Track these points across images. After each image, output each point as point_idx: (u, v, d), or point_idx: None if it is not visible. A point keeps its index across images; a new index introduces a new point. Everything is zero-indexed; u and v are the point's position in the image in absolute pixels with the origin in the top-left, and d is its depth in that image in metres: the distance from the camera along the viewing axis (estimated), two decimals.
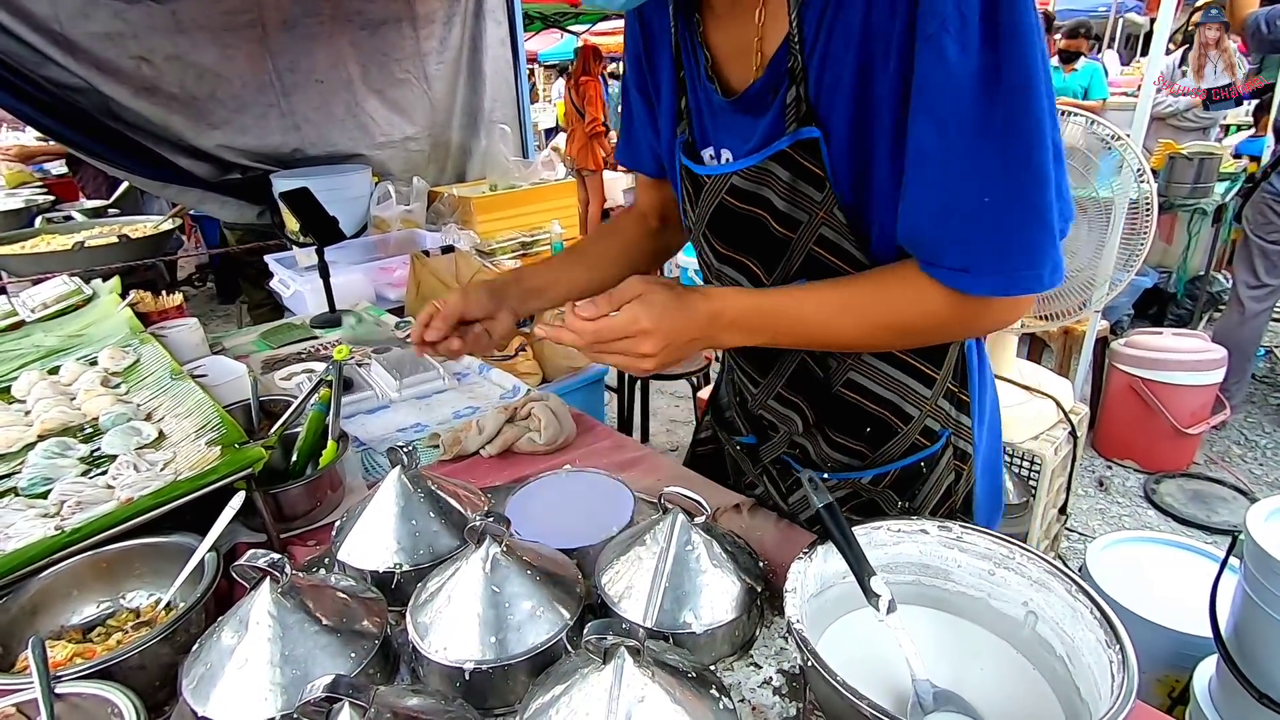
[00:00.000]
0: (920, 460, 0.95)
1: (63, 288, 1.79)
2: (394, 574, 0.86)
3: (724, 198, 0.84)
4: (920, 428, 0.93)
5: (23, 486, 0.98)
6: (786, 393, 0.96)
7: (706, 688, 0.63)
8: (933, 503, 0.97)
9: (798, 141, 0.75)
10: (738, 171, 0.81)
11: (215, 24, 2.72)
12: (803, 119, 0.74)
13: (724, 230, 0.88)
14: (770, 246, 0.84)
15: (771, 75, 0.75)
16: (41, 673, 0.67)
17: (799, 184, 0.78)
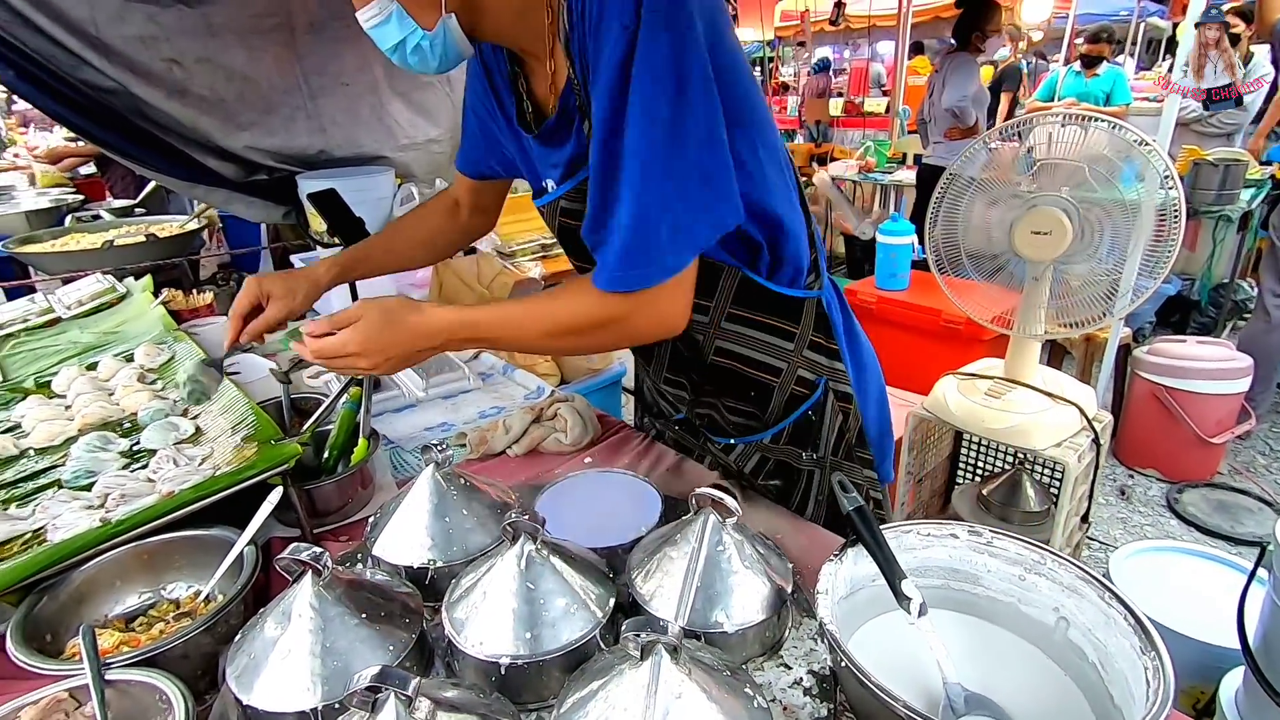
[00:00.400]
0: (808, 410, 1.06)
1: (97, 285, 1.83)
2: (428, 569, 0.88)
3: (560, 220, 0.98)
4: (795, 378, 1.04)
5: (67, 479, 1.01)
6: (670, 374, 1.13)
7: (741, 687, 0.64)
8: (830, 442, 1.09)
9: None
10: (563, 195, 0.95)
11: (245, 27, 2.76)
12: None
13: (570, 245, 1.01)
14: None
15: (562, 112, 0.89)
16: (93, 660, 0.69)
17: None
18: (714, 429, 1.13)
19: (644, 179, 0.77)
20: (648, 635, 0.61)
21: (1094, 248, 1.94)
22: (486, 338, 0.90)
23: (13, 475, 1.05)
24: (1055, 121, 1.92)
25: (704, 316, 0.99)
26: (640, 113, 0.75)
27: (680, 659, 0.61)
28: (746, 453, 1.10)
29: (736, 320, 1.01)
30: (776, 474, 1.10)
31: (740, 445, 1.10)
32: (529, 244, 3.01)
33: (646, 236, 0.79)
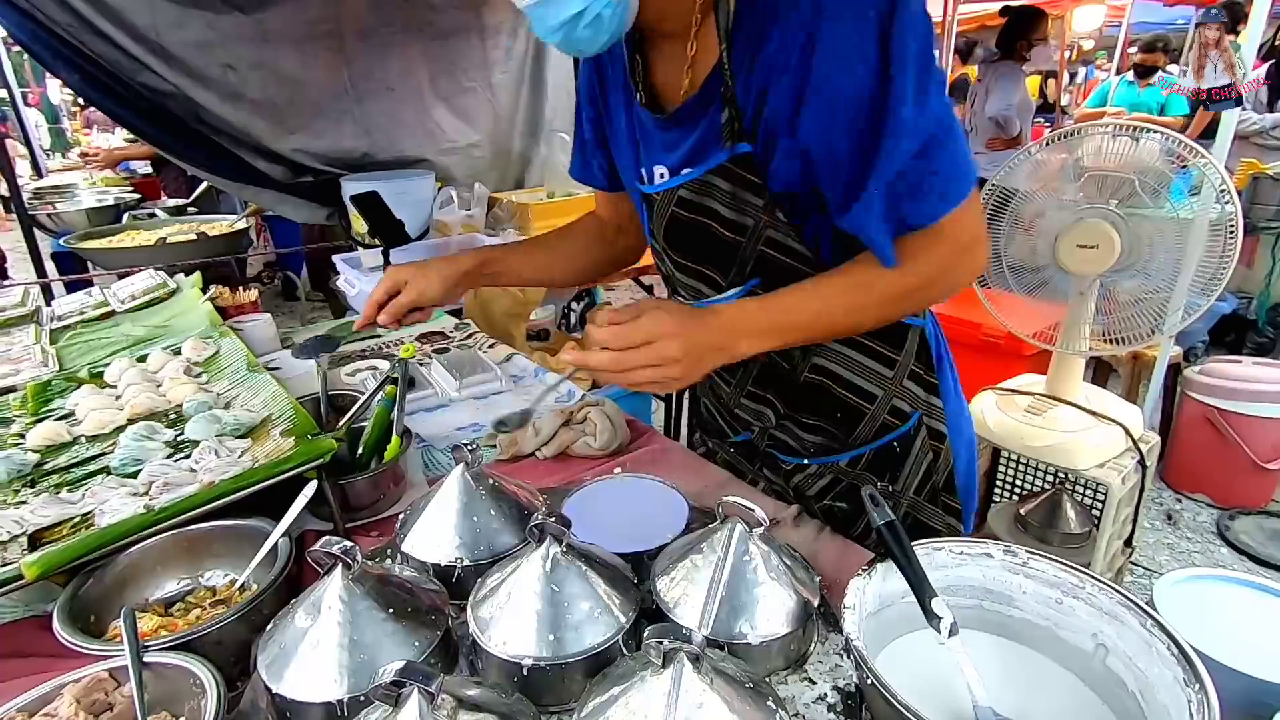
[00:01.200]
0: (894, 440, 1.02)
1: (149, 281, 1.90)
2: (455, 568, 0.89)
3: (674, 210, 0.94)
4: (888, 407, 1.01)
5: (115, 466, 1.05)
6: (755, 389, 1.06)
7: (763, 700, 0.63)
8: (914, 483, 1.05)
9: (735, 156, 0.85)
10: (683, 185, 0.91)
11: (298, 33, 2.85)
12: (737, 135, 0.84)
13: (678, 241, 0.97)
14: (722, 252, 0.93)
15: (702, 96, 0.85)
16: (132, 642, 0.71)
17: (741, 193, 0.88)
18: (785, 450, 1.09)
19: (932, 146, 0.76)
20: (670, 643, 0.60)
21: (1143, 262, 1.88)
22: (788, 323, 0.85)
23: (66, 461, 1.09)
24: (1105, 132, 1.87)
25: None
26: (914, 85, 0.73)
27: (702, 668, 0.61)
28: (818, 473, 1.06)
29: (840, 340, 0.98)
30: (845, 496, 1.06)
31: (814, 466, 1.06)
32: None
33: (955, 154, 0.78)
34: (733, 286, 0.96)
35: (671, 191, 0.93)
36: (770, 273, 0.92)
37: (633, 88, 0.94)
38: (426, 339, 1.88)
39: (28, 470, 1.06)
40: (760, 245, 0.91)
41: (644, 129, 0.95)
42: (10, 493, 1.01)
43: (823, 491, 1.07)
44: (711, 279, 0.97)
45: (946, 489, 1.06)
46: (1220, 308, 3.68)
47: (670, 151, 0.92)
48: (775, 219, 0.88)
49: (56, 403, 1.28)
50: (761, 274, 0.93)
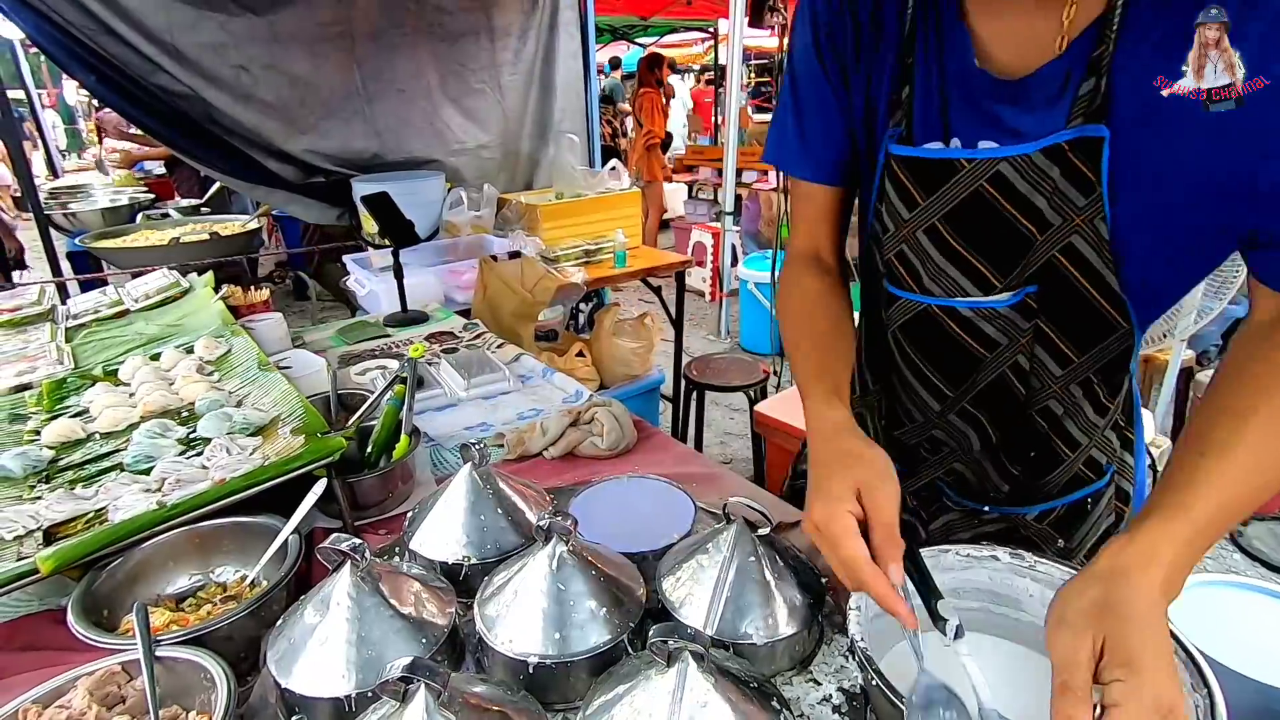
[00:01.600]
0: (1086, 496, 0.90)
1: (163, 280, 1.92)
2: (462, 566, 0.89)
3: (983, 185, 0.75)
4: (1085, 458, 0.88)
5: (128, 462, 1.06)
6: (971, 407, 0.89)
7: (768, 700, 0.63)
8: (1089, 545, 0.93)
9: (1079, 138, 0.69)
10: (1009, 159, 0.73)
11: (309, 35, 2.88)
12: (1092, 115, 0.68)
13: (965, 224, 0.78)
14: (1009, 247, 0.77)
15: (1065, 61, 0.69)
16: (144, 636, 0.72)
17: (1062, 184, 0.72)
18: (964, 490, 0.95)
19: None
20: (675, 642, 0.61)
21: None
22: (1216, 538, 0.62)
23: (80, 457, 1.11)
24: None
25: (1060, 369, 0.82)
26: None
27: (707, 668, 0.61)
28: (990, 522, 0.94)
29: (1084, 385, 0.83)
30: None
31: (993, 514, 0.95)
32: (572, 249, 3.05)
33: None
34: (1006, 290, 0.80)
35: (990, 163, 0.74)
36: (1052, 284, 0.77)
37: (960, 38, 0.75)
38: (435, 339, 1.89)
39: (43, 466, 1.08)
40: (1055, 251, 0.75)
41: (969, 93, 0.75)
42: (26, 488, 1.02)
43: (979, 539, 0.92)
44: (983, 276, 0.80)
45: None
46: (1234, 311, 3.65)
47: (1003, 126, 0.74)
48: (1091, 227, 0.72)
49: (71, 400, 1.30)
50: (1041, 282, 0.78)
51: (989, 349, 0.84)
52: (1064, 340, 0.80)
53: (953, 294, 0.82)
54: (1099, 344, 0.79)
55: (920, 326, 0.88)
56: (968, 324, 0.84)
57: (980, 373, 0.86)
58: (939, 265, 0.82)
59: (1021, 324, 0.81)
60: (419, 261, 2.65)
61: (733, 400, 4.06)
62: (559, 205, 3.15)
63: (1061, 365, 0.82)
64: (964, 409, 0.90)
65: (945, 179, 0.77)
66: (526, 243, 2.87)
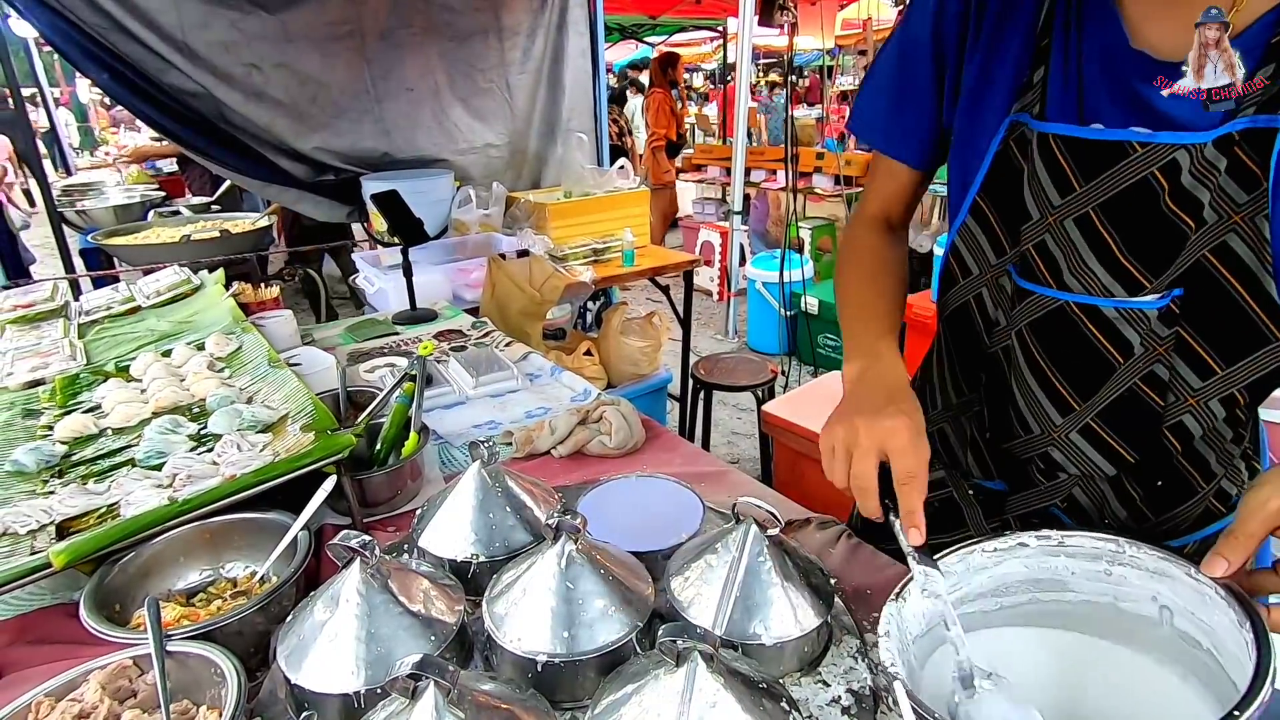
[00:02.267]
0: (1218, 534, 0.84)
1: (174, 277, 1.93)
2: (470, 564, 0.89)
3: (1153, 173, 0.69)
4: (1216, 490, 0.82)
5: (140, 458, 1.07)
6: (1099, 425, 0.81)
7: (777, 700, 0.63)
8: None
9: (1250, 129, 0.65)
10: (1187, 146, 0.67)
11: (319, 34, 2.89)
12: (1267, 104, 0.64)
13: (1121, 215, 0.72)
14: (1164, 244, 0.71)
15: (1239, 45, 0.64)
16: (156, 631, 0.73)
17: (1225, 179, 0.67)
18: (1079, 517, 0.87)
19: None
20: (684, 642, 0.61)
21: None
22: None
23: (92, 453, 1.12)
24: None
25: (1201, 381, 0.76)
26: None
27: (716, 667, 0.61)
28: None
29: (1226, 403, 0.77)
30: None
31: None
32: (581, 247, 3.05)
33: None
34: (1154, 293, 0.74)
35: (1167, 149, 0.68)
36: (1201, 287, 0.72)
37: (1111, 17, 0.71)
38: (443, 337, 1.90)
39: (56, 461, 1.09)
40: (1207, 250, 0.70)
41: (1116, 73, 0.71)
42: (39, 483, 1.03)
43: None
44: (1131, 275, 0.74)
45: None
46: None
47: (1151, 110, 0.69)
48: (1251, 225, 0.68)
49: (84, 395, 1.31)
50: (1189, 285, 0.72)
51: (1125, 355, 0.77)
52: (1208, 350, 0.74)
53: (1095, 292, 0.76)
54: (1248, 356, 0.73)
55: (1051, 326, 0.80)
56: (1108, 327, 0.76)
57: (1112, 383, 0.79)
58: (1083, 260, 0.76)
59: (1162, 331, 0.74)
60: (428, 260, 2.65)
61: (740, 400, 4.05)
62: (567, 204, 3.15)
63: (1203, 377, 0.75)
64: (1089, 426, 0.82)
65: (1112, 163, 0.71)
66: (535, 241, 2.87)
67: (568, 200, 3.18)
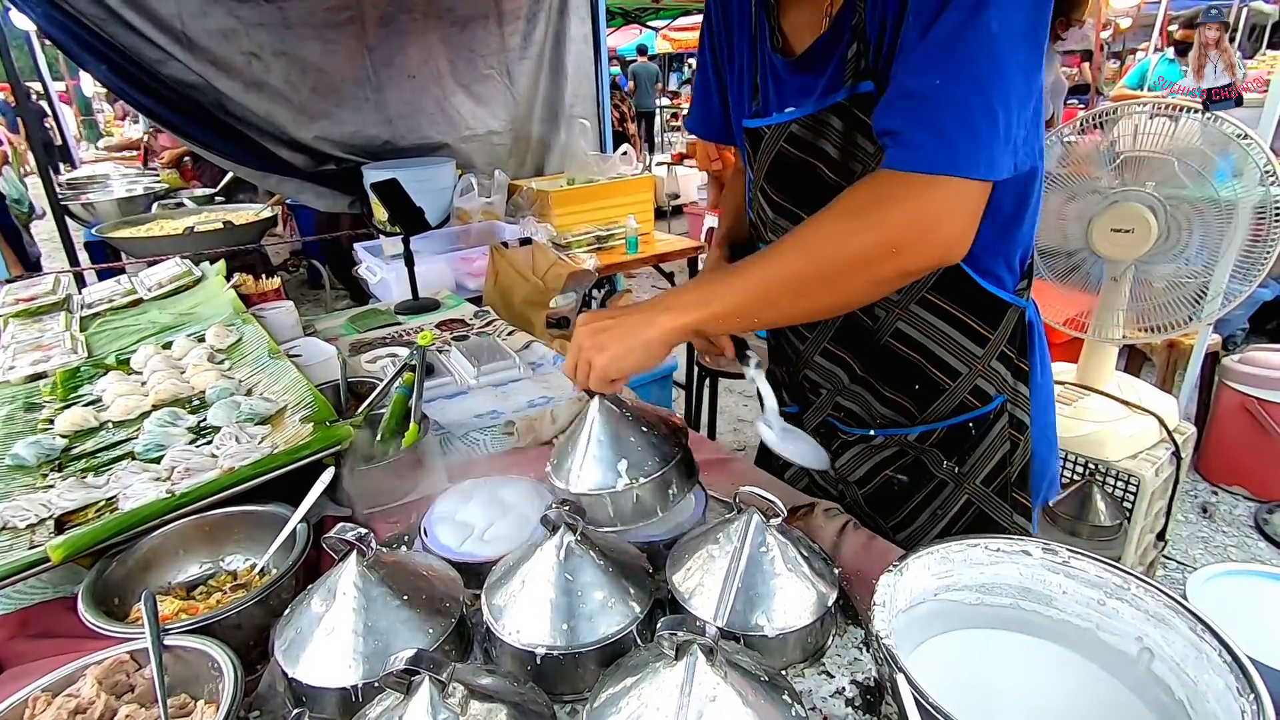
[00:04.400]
0: (969, 421, 0.97)
1: (176, 269, 1.93)
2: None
3: (782, 146, 0.91)
4: (970, 387, 0.96)
5: (139, 451, 1.06)
6: (832, 346, 1.02)
7: (779, 693, 0.62)
8: (985, 469, 0.99)
9: (855, 95, 0.81)
10: (796, 120, 0.87)
11: (319, 21, 2.86)
12: (861, 74, 0.80)
13: (780, 181, 0.94)
14: (825, 196, 0.83)
15: (833, 32, 0.82)
16: (153, 625, 0.72)
17: (854, 135, 0.84)
18: (851, 420, 1.05)
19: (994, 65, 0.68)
20: (683, 634, 0.59)
21: (1181, 247, 1.81)
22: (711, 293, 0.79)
23: (92, 446, 1.11)
24: (1143, 112, 1.80)
25: (896, 294, 0.92)
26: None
27: (716, 660, 0.59)
28: (880, 446, 1.03)
29: (929, 307, 0.93)
30: (908, 470, 1.03)
31: (880, 437, 1.03)
32: (584, 235, 3.02)
33: (983, 122, 0.69)
34: None
35: (783, 127, 0.89)
36: None
37: (765, 32, 0.91)
38: (446, 326, 1.89)
39: (56, 455, 1.09)
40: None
41: (776, 73, 0.91)
42: (39, 476, 1.03)
43: (881, 465, 1.04)
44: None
45: (1019, 483, 1.00)
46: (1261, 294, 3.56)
47: (803, 95, 0.88)
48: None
49: (85, 389, 1.30)
50: None
51: None
52: None
53: None
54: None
55: None
56: None
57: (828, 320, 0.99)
58: (773, 220, 0.98)
59: None
60: (430, 249, 2.64)
61: (746, 387, 4.03)
62: (570, 191, 3.12)
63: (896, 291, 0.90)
64: (826, 349, 1.03)
65: (758, 144, 0.95)
66: (538, 229, 2.85)
67: (571, 187, 3.15)
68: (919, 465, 1.01)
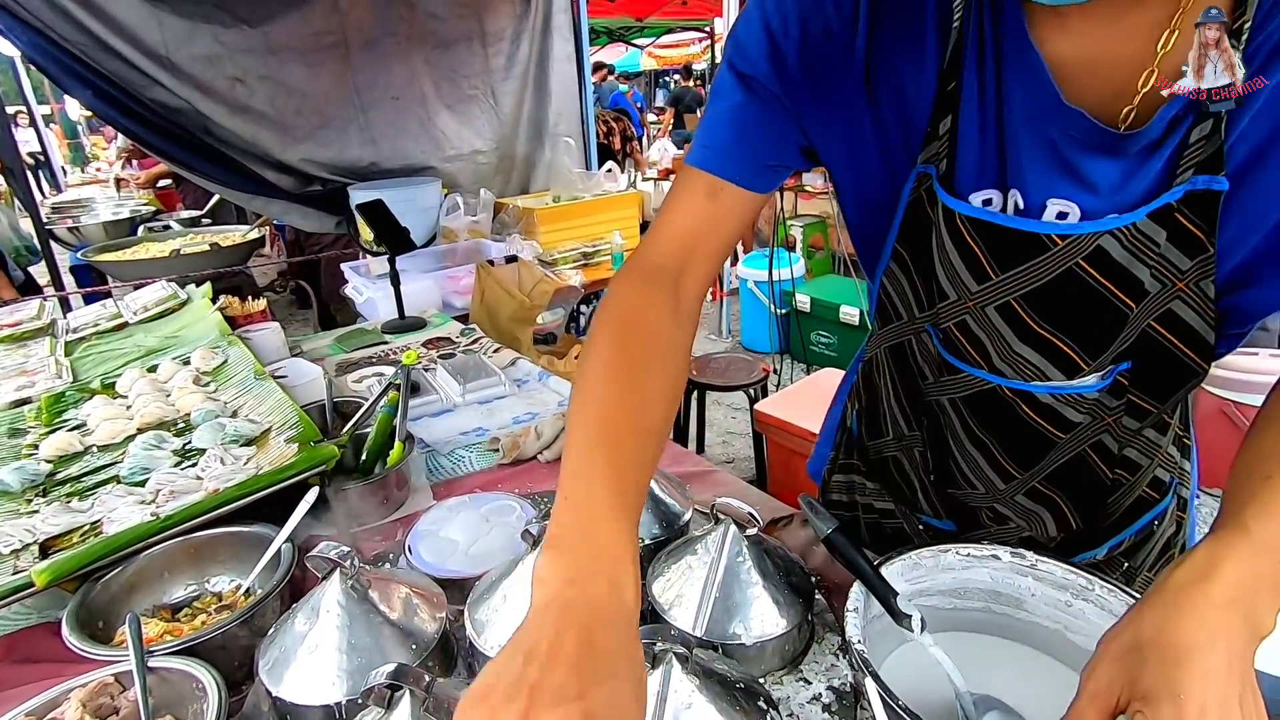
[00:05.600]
0: (1153, 520, 0.82)
1: (161, 292, 1.94)
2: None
3: (1079, 264, 0.61)
4: (1149, 479, 0.79)
5: (124, 475, 1.07)
6: (1044, 487, 0.78)
7: (754, 700, 0.63)
8: (1150, 558, 0.85)
9: (1192, 193, 0.56)
10: (1112, 231, 0.59)
11: (303, 45, 2.90)
12: (1205, 164, 0.55)
13: (1050, 303, 0.64)
14: (1101, 326, 0.64)
15: (1178, 103, 0.55)
16: (137, 647, 0.73)
17: (1166, 248, 0.59)
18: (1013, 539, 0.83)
19: None
20: (660, 645, 0.61)
21: None
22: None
23: (77, 470, 1.12)
24: None
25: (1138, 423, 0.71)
26: None
27: (691, 668, 0.61)
28: None
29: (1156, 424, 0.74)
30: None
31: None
32: (570, 251, 3.05)
33: None
34: (1095, 372, 0.67)
35: (1090, 238, 0.60)
36: (1148, 357, 0.65)
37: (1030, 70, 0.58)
38: (432, 345, 1.90)
39: (40, 480, 1.09)
40: (1152, 320, 0.63)
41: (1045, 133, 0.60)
42: (23, 502, 1.03)
43: None
44: (1068, 359, 0.67)
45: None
46: None
47: (1078, 174, 0.59)
48: (1196, 290, 0.60)
49: (70, 413, 1.31)
50: (1136, 358, 0.66)
51: (1066, 430, 0.72)
52: (1151, 403, 0.69)
53: (1030, 378, 0.69)
54: (1180, 390, 0.68)
55: (987, 404, 0.74)
56: (1047, 410, 0.71)
57: (1057, 453, 0.75)
58: (1013, 348, 0.68)
59: (1110, 403, 0.69)
60: (416, 268, 2.65)
61: (734, 399, 4.05)
62: (556, 208, 3.15)
63: (1139, 419, 0.71)
64: (1035, 489, 0.79)
65: (1031, 255, 0.62)
66: (524, 246, 2.87)
67: (556, 205, 3.18)
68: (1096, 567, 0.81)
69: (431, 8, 3.16)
